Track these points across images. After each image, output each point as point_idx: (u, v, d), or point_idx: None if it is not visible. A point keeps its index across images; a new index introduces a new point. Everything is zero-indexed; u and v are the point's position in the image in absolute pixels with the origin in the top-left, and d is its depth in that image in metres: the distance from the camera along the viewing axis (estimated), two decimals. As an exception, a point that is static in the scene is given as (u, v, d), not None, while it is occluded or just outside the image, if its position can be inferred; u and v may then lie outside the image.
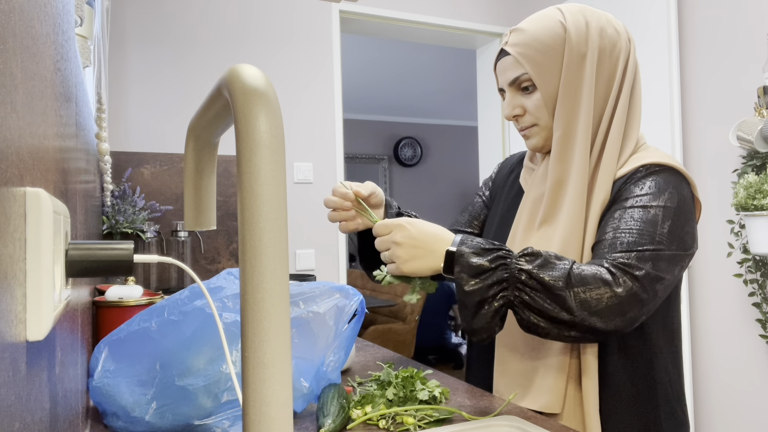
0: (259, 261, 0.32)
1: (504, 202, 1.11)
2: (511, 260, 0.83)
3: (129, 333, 0.81)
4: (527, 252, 0.84)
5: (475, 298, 0.82)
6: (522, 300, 0.82)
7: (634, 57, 0.96)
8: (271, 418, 0.31)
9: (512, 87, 0.97)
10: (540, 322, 0.82)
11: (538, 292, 0.81)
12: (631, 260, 0.82)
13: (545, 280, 0.81)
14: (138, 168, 2.50)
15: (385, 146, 6.65)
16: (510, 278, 0.82)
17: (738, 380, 2.27)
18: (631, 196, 0.89)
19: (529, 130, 0.98)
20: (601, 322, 0.80)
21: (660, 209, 0.86)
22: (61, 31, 0.57)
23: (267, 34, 2.79)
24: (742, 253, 2.22)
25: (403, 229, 0.88)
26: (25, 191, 0.33)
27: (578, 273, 0.81)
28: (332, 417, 0.80)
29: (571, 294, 0.80)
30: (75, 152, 0.75)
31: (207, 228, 0.51)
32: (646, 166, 0.92)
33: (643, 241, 0.84)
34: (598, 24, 0.94)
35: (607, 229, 0.88)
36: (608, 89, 0.94)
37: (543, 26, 0.94)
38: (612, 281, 0.81)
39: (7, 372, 0.27)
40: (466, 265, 0.83)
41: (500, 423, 0.83)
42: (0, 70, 0.27)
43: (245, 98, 0.33)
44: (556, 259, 0.83)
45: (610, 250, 0.85)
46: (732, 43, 2.27)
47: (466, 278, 0.82)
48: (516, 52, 0.94)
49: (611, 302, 0.80)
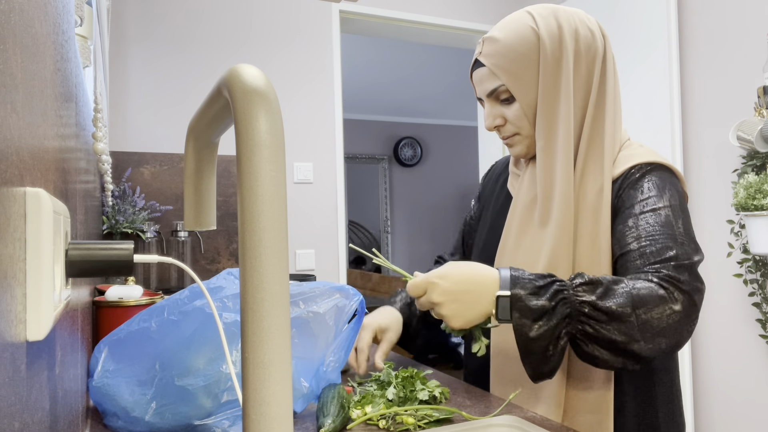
0: (259, 261, 0.32)
1: (493, 208, 1.11)
2: (569, 292, 0.78)
3: (129, 333, 0.81)
4: (584, 281, 0.79)
5: (543, 342, 0.77)
6: (585, 332, 0.78)
7: (610, 53, 0.94)
8: (271, 418, 0.31)
9: (491, 98, 0.96)
10: (603, 354, 0.78)
11: (604, 324, 0.77)
12: (671, 270, 0.80)
13: (612, 309, 0.76)
14: (138, 168, 2.50)
15: (385, 146, 6.65)
16: (572, 312, 0.77)
17: (738, 380, 2.26)
18: (636, 202, 0.88)
19: (512, 139, 0.98)
20: (664, 342, 0.77)
21: (668, 209, 0.86)
22: (61, 31, 0.57)
23: (267, 34, 2.79)
24: (742, 253, 2.22)
25: (436, 286, 0.82)
26: (25, 191, 0.33)
27: (637, 293, 0.77)
28: (332, 417, 0.80)
29: (635, 318, 0.76)
30: (75, 152, 0.75)
31: (207, 228, 0.51)
32: (638, 167, 0.91)
33: (669, 245, 0.82)
34: (571, 26, 0.92)
35: (627, 239, 0.86)
36: (587, 91, 0.93)
37: (516, 34, 0.92)
38: (668, 297, 0.78)
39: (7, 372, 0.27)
40: (527, 309, 0.77)
41: (500, 423, 0.83)
42: (0, 70, 0.27)
43: (245, 98, 0.33)
44: (613, 283, 0.79)
45: (643, 261, 0.83)
46: (732, 43, 2.27)
47: (529, 324, 0.77)
48: (491, 64, 0.93)
49: (671, 320, 0.77)
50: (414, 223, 6.72)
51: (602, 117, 0.93)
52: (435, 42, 3.39)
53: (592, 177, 0.92)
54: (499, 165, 1.19)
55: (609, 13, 2.65)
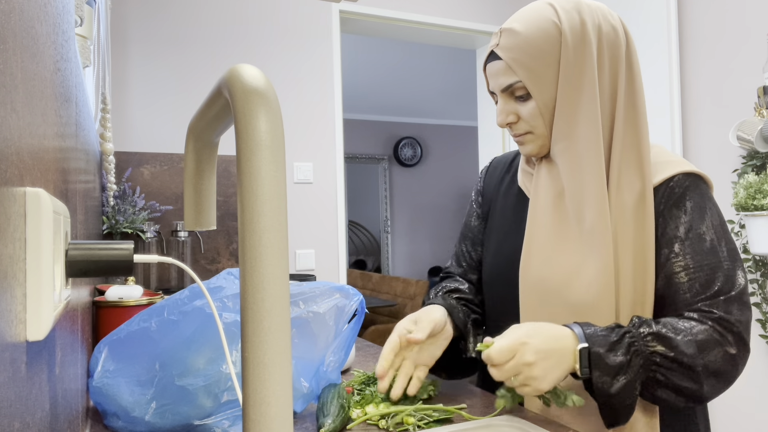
0: (259, 261, 0.32)
1: (503, 208, 1.04)
2: (640, 343, 0.81)
3: (129, 333, 0.81)
4: (652, 331, 0.81)
5: (623, 396, 0.79)
6: (655, 379, 0.81)
7: (634, 50, 0.90)
8: (271, 418, 0.31)
9: (505, 93, 0.92)
10: (670, 397, 0.82)
11: (673, 372, 0.80)
12: (722, 310, 0.82)
13: (683, 360, 0.80)
14: (138, 168, 2.50)
15: (385, 146, 6.65)
16: (645, 363, 0.80)
17: (738, 380, 2.26)
18: (680, 223, 0.87)
19: (523, 137, 0.93)
20: (718, 384, 0.81)
21: (712, 231, 0.86)
22: (61, 31, 0.57)
23: (267, 34, 2.79)
24: (742, 253, 2.21)
25: (529, 346, 0.80)
26: (25, 191, 0.33)
27: (700, 341, 0.80)
28: (332, 417, 0.80)
29: (702, 367, 0.80)
30: (75, 152, 0.75)
31: (207, 228, 0.51)
32: (677, 179, 0.88)
33: (715, 275, 0.84)
34: (595, 22, 0.88)
35: (675, 268, 0.86)
36: (613, 91, 0.89)
37: (537, 28, 0.87)
38: (722, 341, 0.81)
39: (7, 372, 0.27)
40: (605, 366, 0.79)
41: (500, 423, 0.83)
42: (0, 70, 0.27)
43: (245, 98, 0.33)
44: (677, 332, 0.81)
45: (692, 295, 0.84)
46: (732, 43, 2.27)
47: (609, 381, 0.79)
48: (509, 58, 0.89)
49: (727, 362, 0.81)
50: (414, 223, 6.72)
51: (635, 117, 0.89)
52: (435, 42, 3.39)
53: (629, 183, 0.87)
54: (498, 162, 1.13)
55: (609, 13, 2.65)
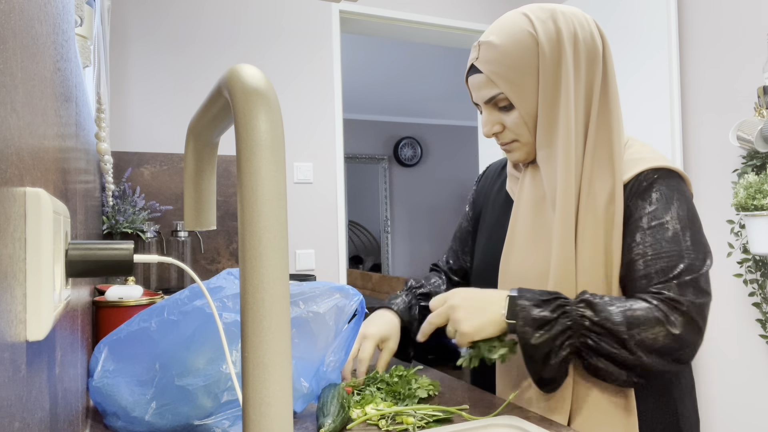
0: (259, 261, 0.32)
1: (492, 211, 1.10)
2: (571, 307, 0.84)
3: (129, 333, 0.81)
4: (584, 298, 0.85)
5: (543, 350, 0.82)
6: (588, 345, 0.83)
7: (609, 54, 0.92)
8: (271, 418, 0.31)
9: (488, 105, 0.95)
10: (607, 366, 0.83)
11: (603, 337, 0.82)
12: (673, 292, 0.83)
13: (608, 326, 0.82)
14: (138, 168, 2.50)
15: (385, 146, 6.65)
16: (574, 325, 0.83)
17: (738, 380, 2.26)
18: (644, 214, 0.88)
19: (510, 146, 0.97)
20: (660, 361, 0.82)
21: (675, 221, 0.86)
22: (61, 31, 0.57)
23: (267, 34, 2.79)
24: (742, 253, 2.22)
25: (457, 292, 0.89)
26: (25, 191, 0.33)
27: (633, 314, 0.82)
28: (332, 417, 0.80)
29: (629, 336, 0.81)
30: (75, 152, 0.75)
31: (207, 228, 0.51)
32: (646, 174, 0.90)
33: (673, 263, 0.84)
34: (570, 29, 0.90)
35: (633, 255, 0.88)
36: (589, 96, 0.91)
37: (513, 40, 0.90)
38: (665, 320, 0.82)
39: (7, 372, 0.27)
40: (530, 318, 0.83)
41: (500, 423, 0.83)
42: (0, 70, 0.27)
43: (245, 98, 0.33)
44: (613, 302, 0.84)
45: (647, 281, 0.86)
46: (732, 42, 2.27)
47: (531, 331, 0.83)
48: (489, 71, 0.91)
49: (668, 340, 0.82)
50: (414, 223, 6.72)
51: (608, 120, 0.91)
52: (435, 42, 3.39)
53: (600, 181, 0.90)
54: (493, 169, 1.18)
55: (609, 13, 2.65)
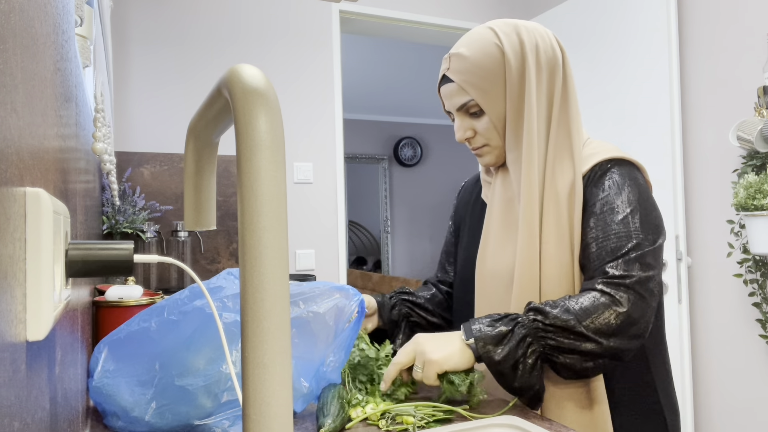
0: (259, 261, 0.32)
1: (470, 220, 1.16)
2: (522, 317, 0.88)
3: (129, 333, 0.81)
4: (531, 307, 0.89)
5: (509, 362, 0.85)
6: (550, 346, 0.86)
7: (568, 63, 1.00)
8: (271, 418, 0.31)
9: (460, 112, 1.01)
10: (575, 361, 0.86)
11: (560, 334, 0.86)
12: (619, 269, 0.87)
13: (560, 324, 0.85)
14: (138, 168, 2.50)
15: (385, 146, 6.65)
16: (530, 332, 0.86)
17: (738, 380, 2.26)
18: (597, 201, 0.93)
19: (481, 150, 1.03)
20: (621, 341, 0.85)
21: (625, 205, 0.91)
22: (61, 31, 0.57)
23: (267, 34, 2.79)
24: (742, 253, 2.22)
25: (420, 335, 0.93)
26: (25, 191, 0.33)
27: (579, 307, 0.86)
28: (332, 417, 0.80)
29: (583, 328, 0.84)
30: (75, 152, 0.75)
31: (207, 228, 0.51)
32: (600, 164, 0.96)
33: (622, 243, 0.89)
34: (531, 41, 0.97)
35: (587, 240, 0.93)
36: (550, 100, 0.98)
37: (482, 51, 0.97)
38: (611, 302, 0.85)
39: (7, 372, 0.27)
40: (488, 337, 0.87)
41: (500, 423, 0.83)
42: (0, 70, 0.27)
43: (245, 98, 0.33)
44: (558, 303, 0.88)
45: (600, 261, 0.90)
46: (732, 42, 2.27)
47: (492, 348, 0.86)
48: (460, 80, 0.98)
49: (620, 320, 0.85)
50: (414, 223, 6.72)
51: (567, 119, 0.98)
52: (435, 42, 3.39)
53: (561, 174, 0.96)
54: (469, 183, 1.25)
55: (609, 13, 2.65)
